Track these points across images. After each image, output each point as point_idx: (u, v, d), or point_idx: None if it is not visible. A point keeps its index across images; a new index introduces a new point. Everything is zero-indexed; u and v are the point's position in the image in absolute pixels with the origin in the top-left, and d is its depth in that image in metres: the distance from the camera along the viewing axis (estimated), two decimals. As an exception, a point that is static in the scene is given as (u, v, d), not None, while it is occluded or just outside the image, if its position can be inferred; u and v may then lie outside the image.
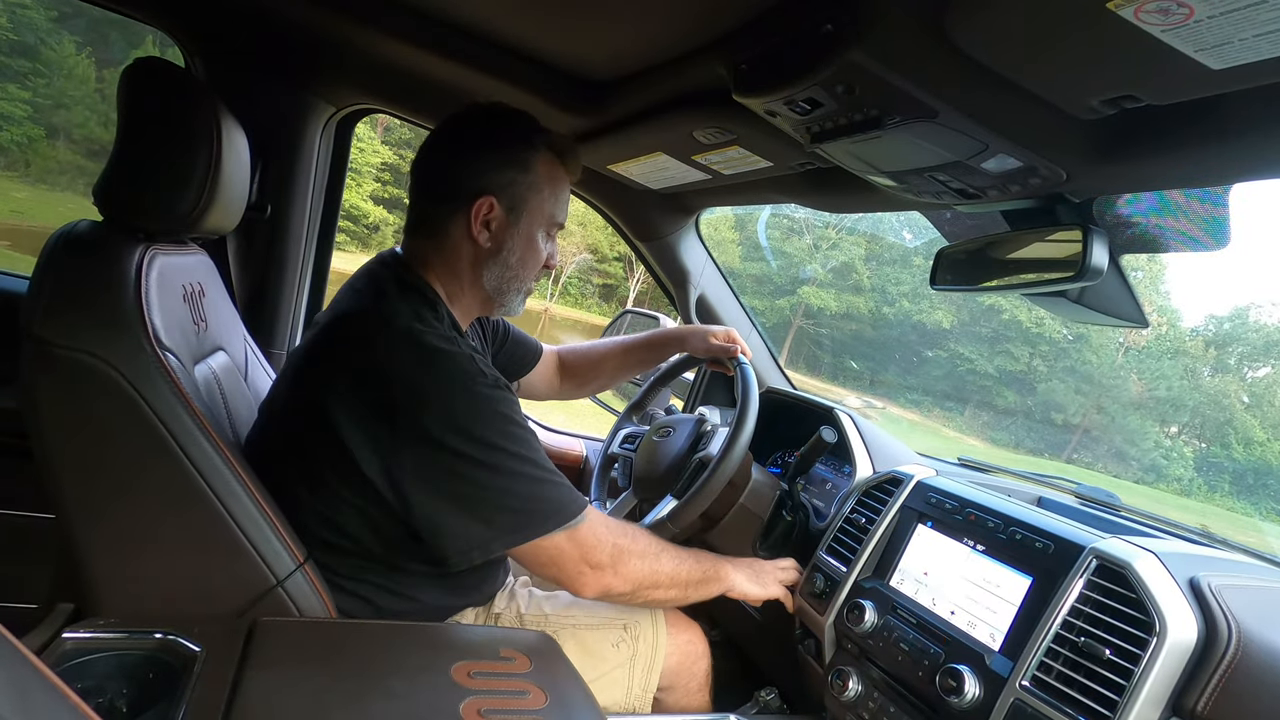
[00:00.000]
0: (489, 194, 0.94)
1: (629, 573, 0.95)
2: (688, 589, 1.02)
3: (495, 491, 0.83)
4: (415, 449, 0.81)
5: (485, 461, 0.82)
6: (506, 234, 0.96)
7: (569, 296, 24.15)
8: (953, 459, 1.44)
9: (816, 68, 0.72)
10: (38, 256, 0.77)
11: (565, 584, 0.92)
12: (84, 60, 15.15)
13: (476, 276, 0.98)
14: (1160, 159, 0.71)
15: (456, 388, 0.83)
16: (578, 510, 0.89)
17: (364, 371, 0.83)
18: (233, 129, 0.91)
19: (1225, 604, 0.72)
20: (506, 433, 0.84)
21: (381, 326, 0.86)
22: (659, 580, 0.99)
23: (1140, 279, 18.55)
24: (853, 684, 0.98)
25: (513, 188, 0.95)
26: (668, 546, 1.02)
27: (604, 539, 0.93)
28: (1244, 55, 0.51)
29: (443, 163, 0.97)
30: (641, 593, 0.97)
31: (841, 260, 24.07)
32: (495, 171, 0.94)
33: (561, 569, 0.90)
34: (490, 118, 0.97)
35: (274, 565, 0.81)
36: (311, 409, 0.84)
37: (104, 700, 0.68)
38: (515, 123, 0.98)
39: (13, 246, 9.76)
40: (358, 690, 0.68)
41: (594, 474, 1.43)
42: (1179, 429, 21.49)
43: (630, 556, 0.95)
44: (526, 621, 1.04)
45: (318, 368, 0.88)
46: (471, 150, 0.95)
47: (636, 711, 1.05)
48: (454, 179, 0.94)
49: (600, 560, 0.92)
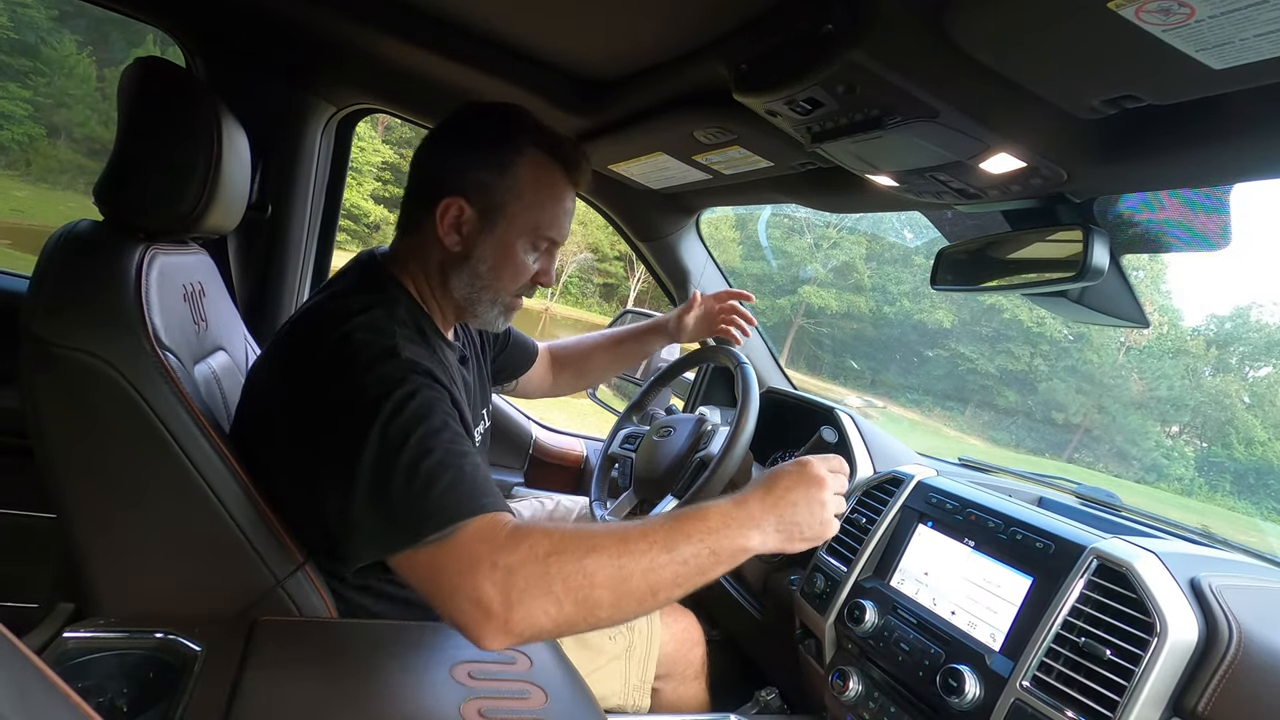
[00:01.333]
0: (459, 194, 0.87)
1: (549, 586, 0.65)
2: (678, 583, 0.70)
3: (397, 484, 0.68)
4: (331, 439, 0.72)
5: (385, 445, 0.69)
6: (478, 239, 0.89)
7: (569, 296, 24.15)
8: (953, 459, 1.44)
9: (817, 67, 0.71)
10: (38, 256, 0.77)
11: (447, 615, 0.67)
12: (85, 59, 15.16)
13: (444, 280, 0.91)
14: (1161, 159, 0.71)
15: (363, 368, 0.73)
16: (470, 511, 0.68)
17: (302, 366, 0.78)
18: (233, 128, 0.91)
19: (1226, 604, 0.72)
20: (410, 415, 0.71)
21: (328, 318, 0.80)
22: (599, 597, 0.66)
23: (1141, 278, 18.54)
24: (853, 684, 0.98)
25: (486, 190, 0.88)
26: (630, 535, 0.69)
27: (494, 548, 0.66)
28: (1245, 55, 0.51)
29: (421, 159, 0.93)
30: (595, 614, 0.67)
31: (842, 260, 24.06)
32: (469, 170, 0.88)
33: (437, 588, 0.67)
34: (478, 114, 0.92)
35: (274, 565, 0.81)
36: (272, 408, 0.81)
37: (104, 700, 0.68)
38: (500, 120, 0.91)
39: (13, 245, 9.77)
40: (358, 690, 0.68)
41: (594, 474, 1.43)
42: (1180, 429, 21.48)
43: (550, 559, 0.66)
44: None
45: (277, 364, 0.85)
46: (449, 147, 0.91)
47: (636, 703, 1.04)
48: (428, 176, 0.90)
49: (493, 582, 0.65)
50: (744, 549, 0.72)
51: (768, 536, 0.73)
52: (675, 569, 0.69)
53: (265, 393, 0.84)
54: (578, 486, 1.81)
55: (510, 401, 1.79)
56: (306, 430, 0.76)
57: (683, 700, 1.13)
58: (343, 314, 0.79)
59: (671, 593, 0.69)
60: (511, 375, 1.38)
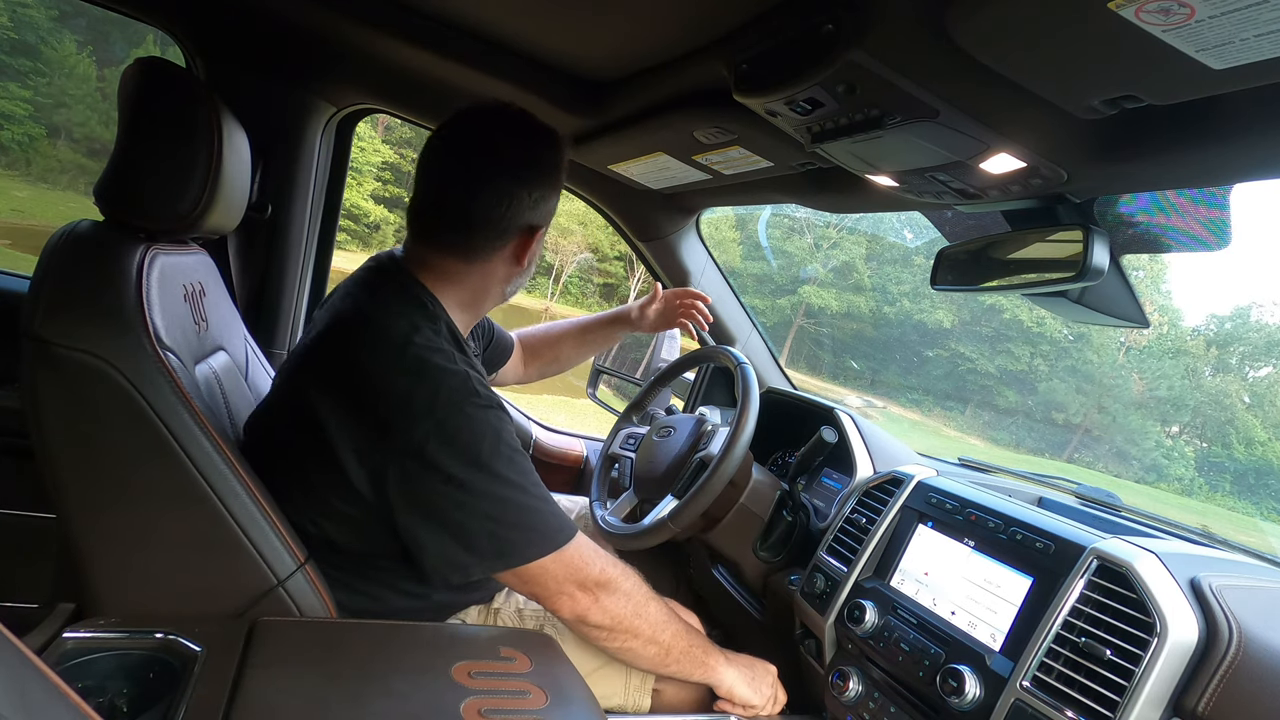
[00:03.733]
0: (540, 226, 0.95)
1: (611, 606, 0.91)
2: (669, 656, 0.97)
3: (479, 517, 0.81)
4: (402, 465, 0.79)
5: (471, 485, 0.80)
6: (533, 251, 0.98)
7: (569, 295, 24.15)
8: (953, 459, 1.44)
9: (817, 67, 0.71)
10: (38, 256, 0.77)
11: (544, 602, 0.90)
12: (85, 59, 15.16)
13: (502, 290, 0.99)
14: (1161, 159, 0.71)
15: (451, 408, 0.81)
16: (565, 539, 0.86)
17: (356, 381, 0.82)
18: (233, 129, 0.91)
19: (1226, 604, 0.72)
20: (497, 454, 0.82)
21: (377, 336, 0.84)
22: (639, 629, 0.94)
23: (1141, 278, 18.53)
24: (853, 684, 0.98)
25: (550, 212, 0.97)
26: (659, 601, 0.98)
27: (592, 563, 0.90)
28: (1245, 55, 0.51)
29: (486, 187, 0.91)
30: (618, 635, 0.93)
31: (842, 260, 24.06)
32: (546, 203, 0.95)
33: (543, 588, 0.88)
34: (532, 139, 0.94)
35: (274, 565, 0.81)
36: (303, 412, 0.83)
37: (104, 700, 0.68)
38: (555, 146, 0.96)
39: (13, 246, 9.78)
40: (358, 690, 0.68)
41: (594, 474, 1.43)
42: (1180, 429, 21.48)
43: (617, 592, 0.92)
44: (525, 617, 1.05)
45: (311, 372, 0.87)
46: (519, 178, 0.92)
47: (636, 703, 1.05)
48: (502, 210, 0.91)
49: (585, 582, 0.89)
50: (717, 672, 1.02)
51: (730, 677, 1.03)
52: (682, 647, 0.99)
53: (301, 406, 0.84)
54: (578, 486, 1.81)
55: (509, 401, 1.79)
56: (381, 451, 0.80)
57: (684, 702, 1.13)
58: (400, 327, 0.85)
59: (665, 662, 0.98)
60: (494, 368, 1.40)
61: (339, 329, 0.88)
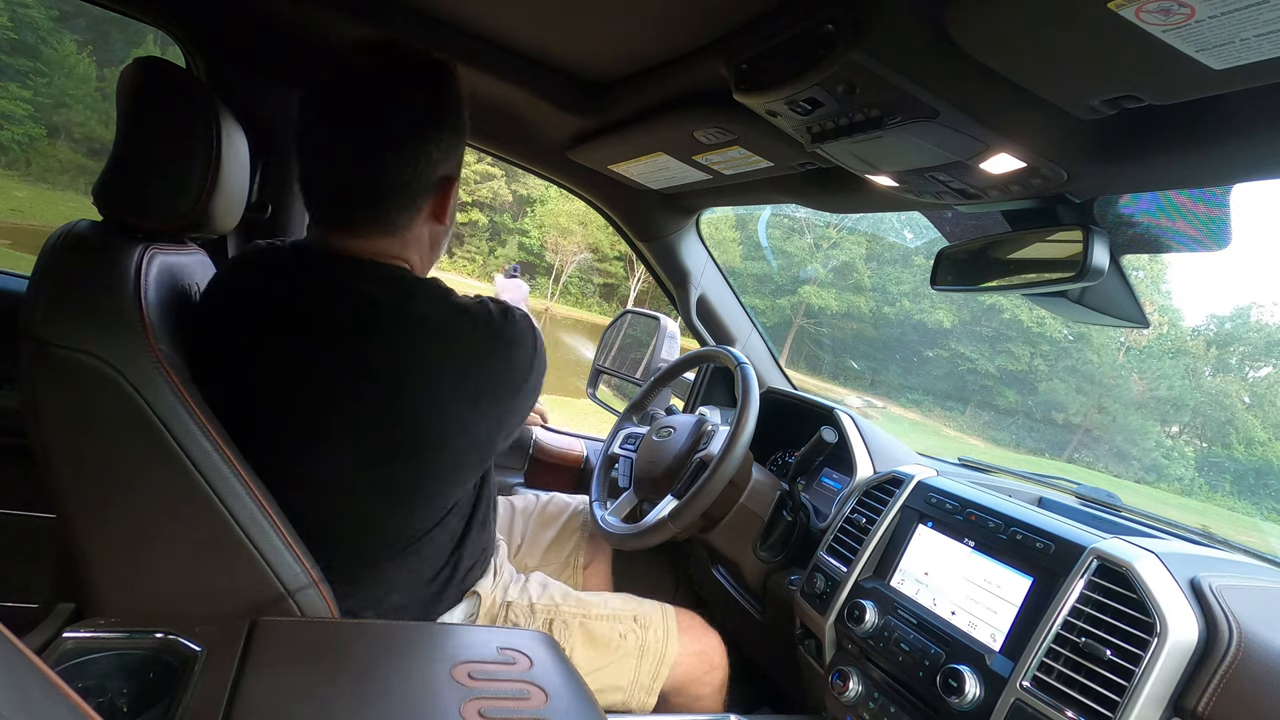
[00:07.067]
0: (453, 177, 0.87)
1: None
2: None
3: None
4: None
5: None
6: (456, 200, 0.91)
7: (569, 296, 24.15)
8: (953, 459, 1.44)
9: (817, 67, 0.71)
10: (37, 256, 0.77)
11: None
12: (85, 59, 15.17)
13: (432, 254, 0.92)
14: (1161, 159, 0.71)
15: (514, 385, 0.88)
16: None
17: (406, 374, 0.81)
18: (233, 129, 0.91)
19: (1226, 604, 0.72)
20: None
21: (435, 334, 0.83)
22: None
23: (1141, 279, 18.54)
24: (853, 684, 0.98)
25: (462, 156, 0.88)
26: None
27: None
28: (1245, 55, 0.51)
29: (386, 153, 0.81)
30: None
31: (842, 260, 24.07)
32: (455, 151, 0.85)
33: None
34: (425, 82, 0.83)
35: (274, 563, 0.81)
36: (350, 418, 0.82)
37: (104, 700, 0.68)
38: (450, 82, 0.85)
39: (13, 245, 9.78)
40: (358, 690, 0.68)
41: (594, 474, 1.43)
42: (1180, 429, 21.50)
43: None
44: (538, 610, 1.05)
45: (354, 366, 0.83)
46: (420, 133, 0.82)
47: (640, 701, 1.05)
48: (411, 172, 0.82)
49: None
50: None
51: None
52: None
53: (333, 405, 0.81)
54: (578, 486, 1.81)
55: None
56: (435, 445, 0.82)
57: (687, 702, 1.14)
58: (449, 313, 0.83)
59: None
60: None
61: (373, 322, 0.85)
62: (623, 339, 1.87)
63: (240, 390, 0.83)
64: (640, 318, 1.85)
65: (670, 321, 1.71)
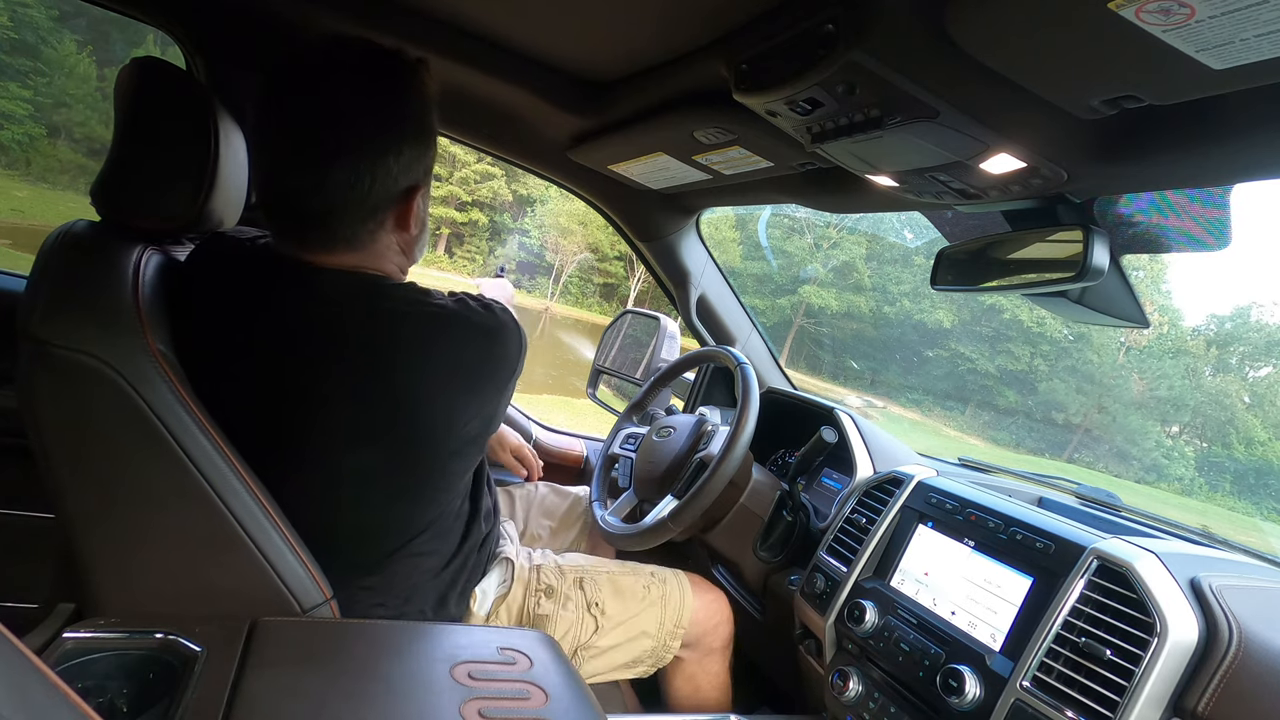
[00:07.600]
0: (419, 185, 0.82)
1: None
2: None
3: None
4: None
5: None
6: (425, 204, 0.87)
7: (569, 296, 24.15)
8: (953, 459, 1.44)
9: (817, 67, 0.71)
10: (36, 256, 0.77)
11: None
12: (85, 59, 15.18)
13: (404, 262, 0.88)
14: (1161, 159, 0.71)
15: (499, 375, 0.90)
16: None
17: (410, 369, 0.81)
18: (231, 129, 0.90)
19: (1226, 604, 0.72)
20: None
21: (433, 331, 0.83)
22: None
23: (1141, 278, 18.54)
24: (853, 684, 0.98)
25: (432, 161, 0.84)
26: None
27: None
28: (1245, 55, 0.51)
29: (335, 166, 0.75)
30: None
31: (842, 260, 24.07)
32: (421, 159, 0.80)
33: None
34: (382, 85, 0.76)
35: (275, 562, 0.81)
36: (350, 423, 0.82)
37: (104, 700, 0.68)
38: (412, 84, 0.78)
39: (13, 245, 9.78)
40: (358, 690, 0.68)
41: (594, 474, 1.43)
42: (1180, 429, 21.50)
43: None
44: (566, 571, 1.10)
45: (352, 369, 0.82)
46: (377, 145, 0.76)
47: (668, 644, 1.13)
48: (365, 188, 0.76)
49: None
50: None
51: None
52: None
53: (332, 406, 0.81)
54: (577, 486, 1.81)
55: (511, 401, 1.79)
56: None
57: (704, 673, 1.18)
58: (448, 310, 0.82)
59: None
60: None
61: (377, 326, 0.85)
62: (623, 339, 1.87)
63: (231, 392, 0.83)
64: (640, 318, 1.85)
65: (670, 321, 1.71)
